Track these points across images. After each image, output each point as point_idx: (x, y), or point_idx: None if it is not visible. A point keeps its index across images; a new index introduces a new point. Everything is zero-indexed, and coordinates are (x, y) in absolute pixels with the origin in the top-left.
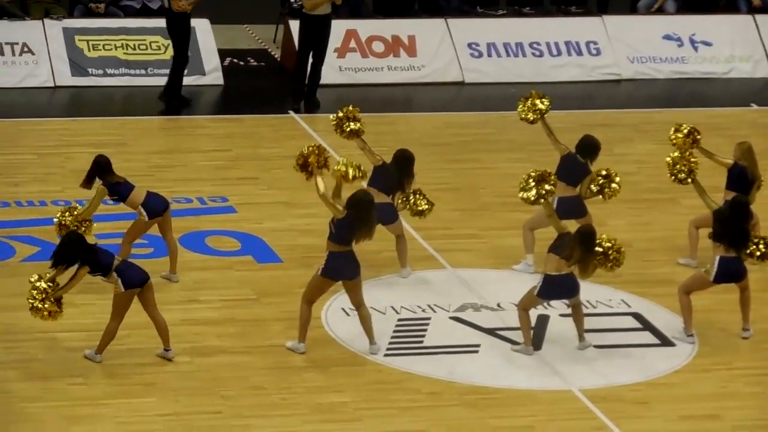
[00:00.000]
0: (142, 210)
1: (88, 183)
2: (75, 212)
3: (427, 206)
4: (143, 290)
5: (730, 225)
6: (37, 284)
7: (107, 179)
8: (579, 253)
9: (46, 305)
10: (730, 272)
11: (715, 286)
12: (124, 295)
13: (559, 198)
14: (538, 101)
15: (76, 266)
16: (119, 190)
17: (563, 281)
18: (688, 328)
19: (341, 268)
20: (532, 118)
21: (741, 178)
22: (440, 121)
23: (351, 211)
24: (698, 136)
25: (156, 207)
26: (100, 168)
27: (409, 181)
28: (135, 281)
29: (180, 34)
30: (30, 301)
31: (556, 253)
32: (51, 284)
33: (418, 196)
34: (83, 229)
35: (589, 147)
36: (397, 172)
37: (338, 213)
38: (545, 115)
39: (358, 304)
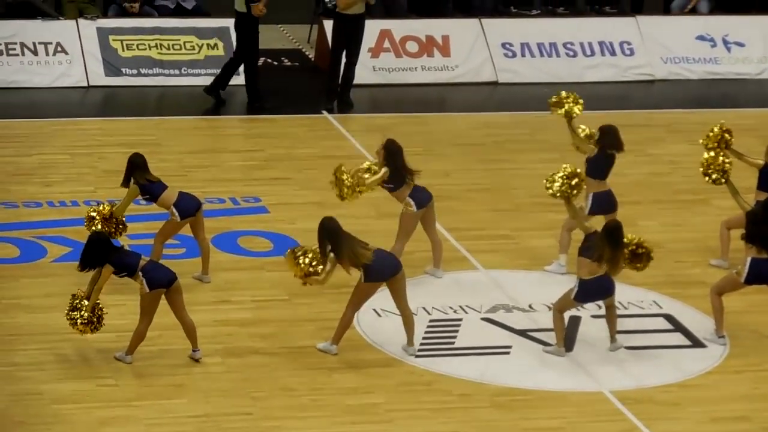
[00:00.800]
0: (174, 210)
1: (126, 183)
2: (107, 209)
3: None
4: (170, 292)
5: (763, 226)
6: (74, 302)
7: (140, 178)
8: (608, 251)
9: (82, 315)
10: (762, 274)
11: (746, 288)
12: (149, 295)
13: (594, 194)
14: (573, 104)
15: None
16: (151, 189)
17: (599, 284)
18: (719, 329)
19: (382, 268)
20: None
21: None
22: (474, 122)
23: (330, 246)
24: (729, 137)
25: (188, 207)
26: (135, 166)
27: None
28: (161, 281)
29: (252, 36)
30: (70, 314)
31: (586, 257)
32: (86, 302)
33: None
34: (113, 230)
35: (608, 135)
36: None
37: (332, 263)
38: (573, 119)
39: (403, 304)
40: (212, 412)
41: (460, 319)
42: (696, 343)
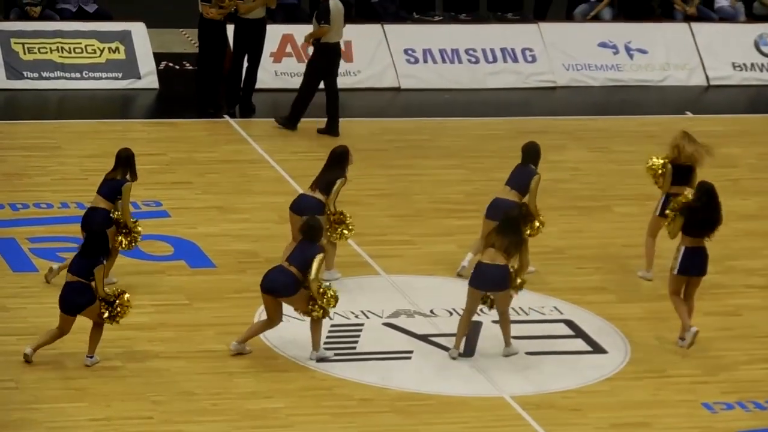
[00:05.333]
0: None
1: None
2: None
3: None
4: None
5: (700, 214)
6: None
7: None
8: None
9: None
10: (693, 263)
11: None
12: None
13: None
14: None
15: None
16: None
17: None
18: (684, 327)
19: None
20: None
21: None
22: (376, 127)
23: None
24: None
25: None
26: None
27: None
28: None
29: (205, 41)
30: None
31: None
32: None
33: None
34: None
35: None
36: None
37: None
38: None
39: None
40: (112, 415)
41: (362, 324)
42: (597, 348)
